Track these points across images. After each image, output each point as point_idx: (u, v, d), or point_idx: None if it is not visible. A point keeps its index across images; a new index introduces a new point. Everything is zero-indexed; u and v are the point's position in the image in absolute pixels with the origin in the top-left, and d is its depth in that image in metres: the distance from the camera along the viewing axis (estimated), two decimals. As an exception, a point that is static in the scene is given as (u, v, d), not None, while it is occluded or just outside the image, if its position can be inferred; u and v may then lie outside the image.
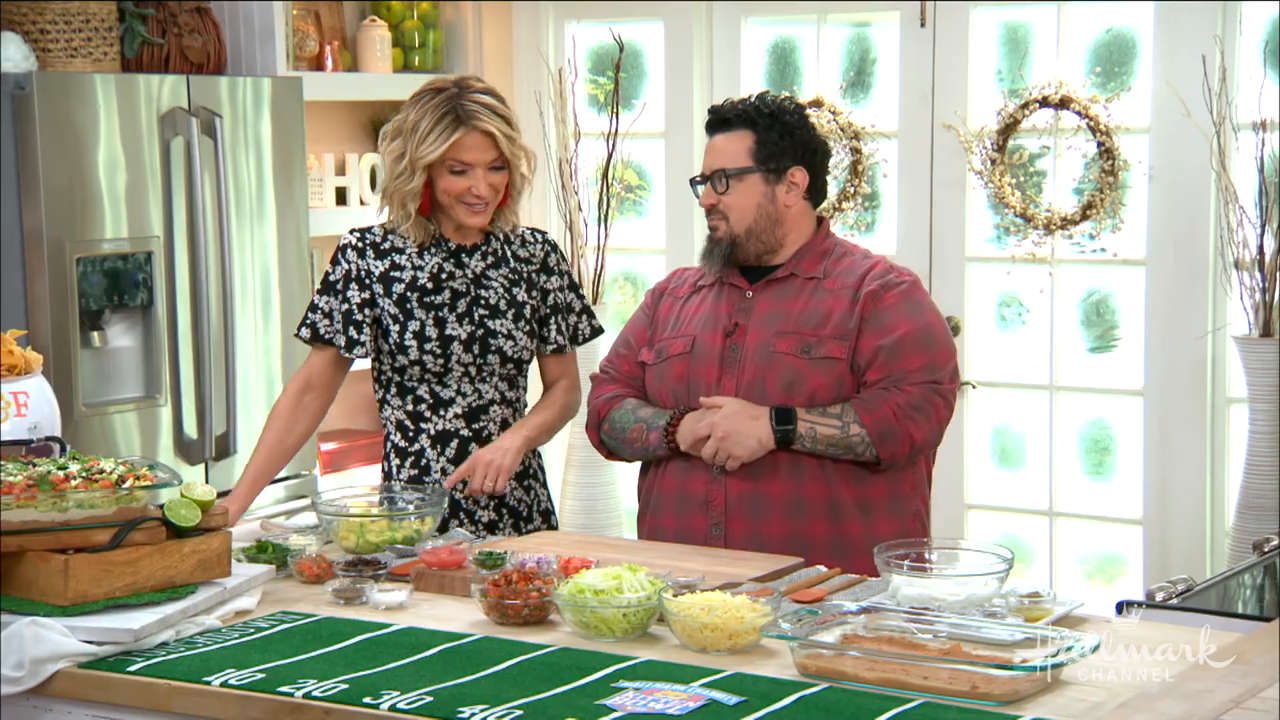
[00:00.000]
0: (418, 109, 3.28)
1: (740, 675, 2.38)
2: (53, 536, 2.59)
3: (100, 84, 4.25)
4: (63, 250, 4.16)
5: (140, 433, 4.37)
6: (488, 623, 2.66)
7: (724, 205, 3.23)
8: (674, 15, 5.43)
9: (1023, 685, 2.27)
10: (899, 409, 3.12)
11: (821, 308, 3.19)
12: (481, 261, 3.37)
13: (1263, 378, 4.47)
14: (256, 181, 4.64)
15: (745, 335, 3.22)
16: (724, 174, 3.23)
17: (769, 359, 3.18)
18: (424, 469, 3.37)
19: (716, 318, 3.26)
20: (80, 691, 2.49)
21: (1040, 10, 4.96)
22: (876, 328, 3.16)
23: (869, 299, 3.17)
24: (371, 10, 5.51)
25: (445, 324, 3.31)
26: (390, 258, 3.35)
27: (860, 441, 3.11)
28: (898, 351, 3.15)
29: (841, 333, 3.16)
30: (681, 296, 3.36)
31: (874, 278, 3.21)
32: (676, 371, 3.26)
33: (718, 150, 3.25)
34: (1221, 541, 4.73)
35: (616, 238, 5.43)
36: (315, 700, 2.31)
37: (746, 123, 3.23)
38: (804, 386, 3.15)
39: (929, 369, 3.16)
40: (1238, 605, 3.31)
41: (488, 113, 3.26)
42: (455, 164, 3.26)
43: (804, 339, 3.17)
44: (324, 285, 3.38)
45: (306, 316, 3.38)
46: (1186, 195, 4.72)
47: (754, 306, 3.24)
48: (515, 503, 3.41)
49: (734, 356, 3.22)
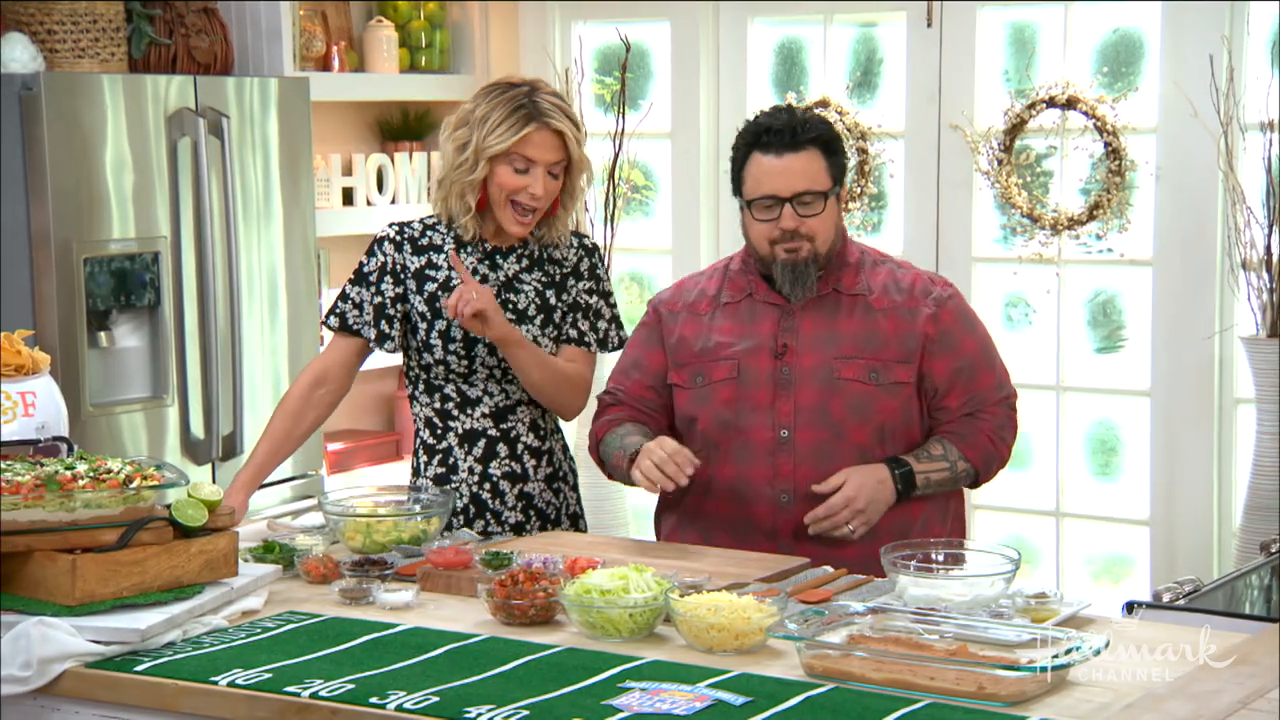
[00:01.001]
0: (488, 101, 3.25)
1: (747, 675, 2.37)
2: (60, 536, 2.59)
3: (107, 84, 4.25)
4: (70, 250, 4.16)
5: (147, 433, 4.37)
6: (494, 623, 2.66)
7: (809, 228, 3.12)
8: (680, 15, 5.43)
9: (1029, 686, 2.27)
10: (993, 435, 3.19)
11: (880, 330, 3.15)
12: (516, 264, 3.33)
13: (1270, 378, 4.46)
14: (263, 182, 4.64)
15: (798, 357, 3.15)
16: (813, 195, 3.11)
17: (834, 385, 3.13)
18: (451, 468, 3.34)
19: (759, 338, 3.18)
20: (87, 691, 2.49)
21: (1047, 10, 4.96)
22: (946, 350, 3.16)
23: (930, 321, 3.16)
24: (378, 10, 5.51)
25: None
26: (427, 255, 3.33)
27: (965, 475, 3.19)
28: (972, 373, 3.18)
29: (905, 355, 3.14)
30: (703, 313, 3.26)
31: (922, 293, 3.18)
32: (724, 397, 3.18)
33: (798, 171, 3.11)
34: (1229, 542, 4.72)
35: (623, 238, 5.43)
36: (322, 700, 2.31)
37: (817, 142, 3.13)
38: (874, 413, 3.13)
39: (1000, 385, 3.22)
40: (1245, 606, 3.30)
41: (559, 114, 3.25)
42: (519, 159, 3.22)
43: (869, 364, 3.13)
44: (356, 275, 3.36)
45: (336, 305, 3.36)
46: (1194, 195, 4.72)
47: (799, 326, 3.16)
48: (544, 505, 3.38)
49: (786, 379, 3.15)
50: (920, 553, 2.75)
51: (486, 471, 3.33)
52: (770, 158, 3.13)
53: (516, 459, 3.34)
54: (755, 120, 3.21)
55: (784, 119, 3.15)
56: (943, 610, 2.58)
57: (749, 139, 3.18)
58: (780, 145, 3.13)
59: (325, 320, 3.38)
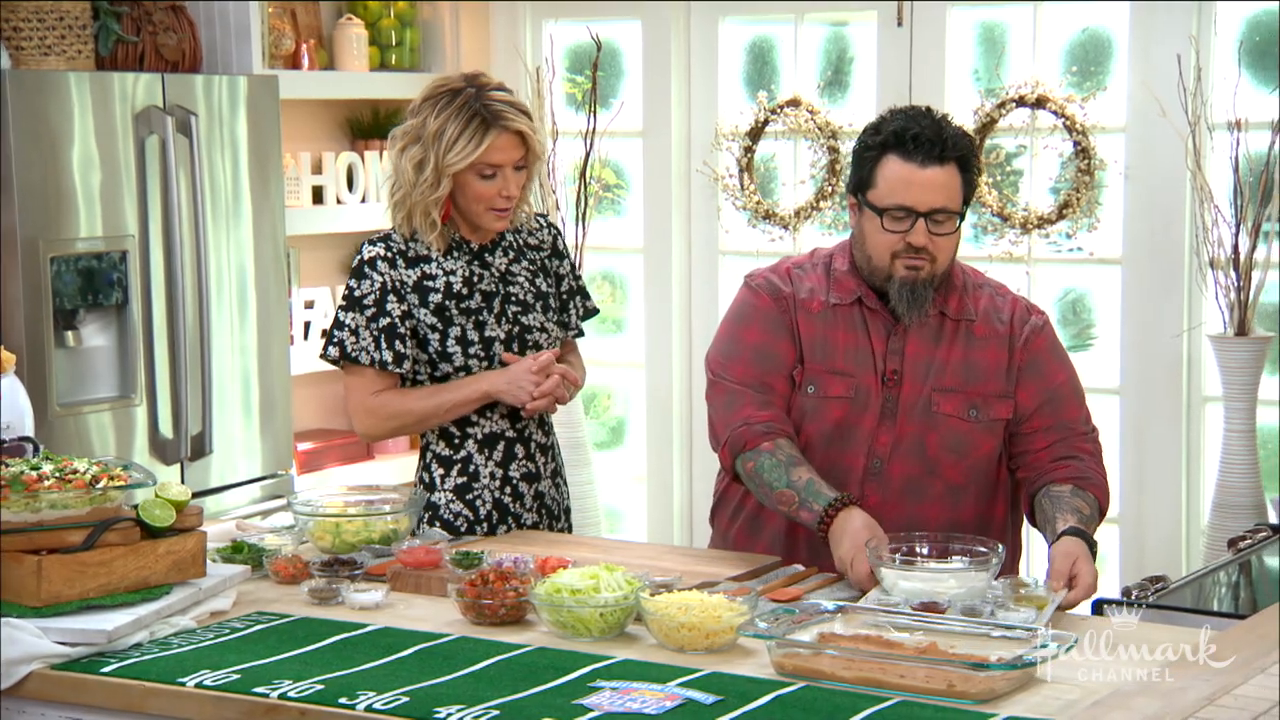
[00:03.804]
0: (438, 115, 3.15)
1: (717, 674, 2.37)
2: (25, 537, 2.57)
3: (74, 82, 4.22)
4: (37, 249, 4.13)
5: (115, 433, 4.35)
6: (464, 623, 2.65)
7: (936, 247, 2.94)
8: (651, 14, 5.43)
9: (999, 684, 2.27)
10: (1101, 472, 3.04)
11: (981, 361, 3.02)
12: (504, 258, 3.30)
13: (1238, 376, 4.49)
14: (232, 180, 4.62)
15: (900, 384, 3.01)
16: (948, 215, 2.94)
17: (931, 419, 3.00)
18: (473, 475, 3.27)
19: (871, 357, 3.02)
20: (53, 693, 2.47)
21: (1017, 10, 4.97)
22: (1036, 377, 3.03)
23: (1024, 350, 3.04)
24: (348, 9, 5.49)
25: (485, 326, 3.24)
26: (420, 266, 3.23)
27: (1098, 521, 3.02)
28: (1061, 402, 3.04)
29: (1003, 390, 3.02)
30: (815, 313, 3.05)
31: (1020, 322, 3.06)
32: (835, 415, 3.02)
33: (940, 186, 2.92)
34: (1197, 539, 4.74)
35: (594, 237, 5.42)
36: (291, 701, 2.30)
37: (958, 160, 2.94)
38: (970, 451, 3.01)
39: (1087, 419, 3.08)
40: (1213, 603, 3.31)
41: (512, 110, 3.18)
42: (485, 168, 3.17)
43: (969, 399, 3.00)
44: (349, 301, 3.22)
45: (333, 335, 3.23)
46: (1162, 195, 4.74)
47: (905, 349, 3.01)
48: (551, 503, 3.36)
49: (891, 408, 3.01)
50: (905, 546, 2.74)
51: (508, 475, 3.29)
52: (912, 166, 2.91)
53: (530, 458, 3.32)
54: (895, 120, 2.97)
55: (932, 127, 2.94)
56: (944, 602, 2.59)
57: (889, 139, 2.94)
58: (926, 155, 2.91)
59: (324, 353, 3.26)
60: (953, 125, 2.98)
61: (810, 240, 5.22)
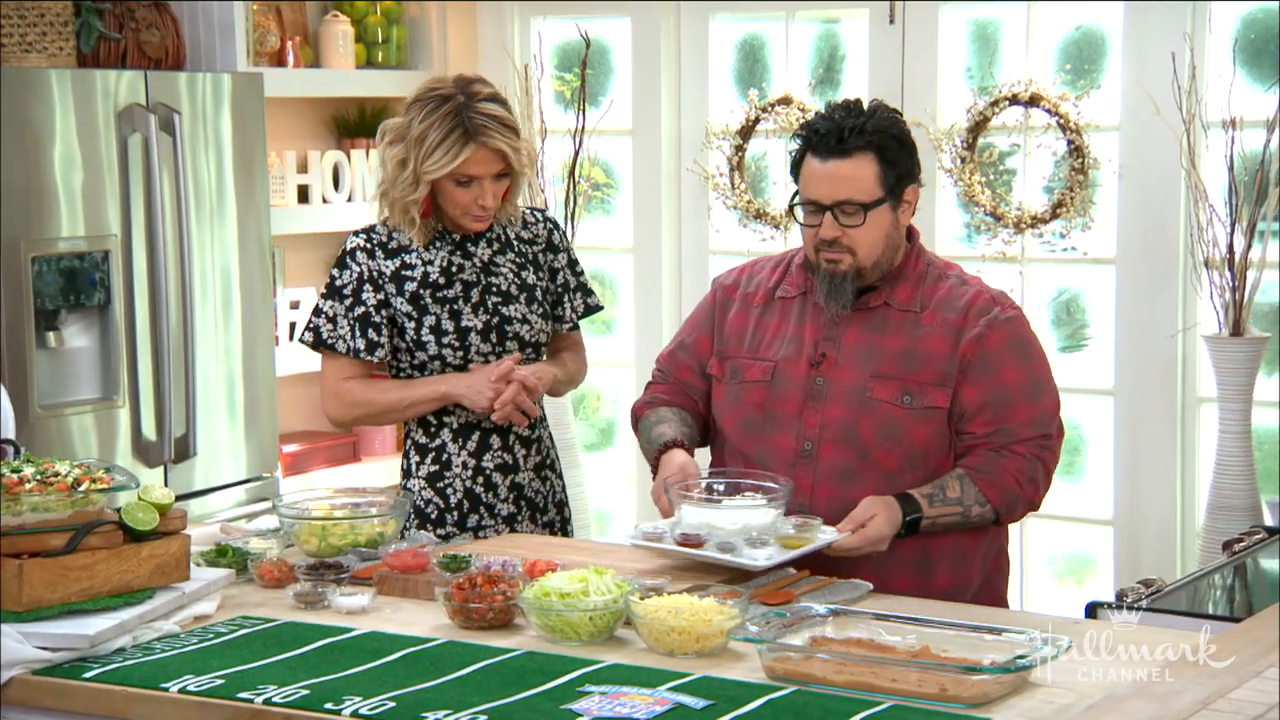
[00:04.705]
0: (423, 118, 3.22)
1: (707, 679, 2.36)
2: (6, 541, 2.55)
3: (56, 80, 4.19)
4: (18, 249, 4.10)
5: (97, 435, 4.32)
6: (452, 626, 2.64)
7: (851, 239, 2.96)
8: (641, 12, 5.41)
9: (992, 687, 2.26)
10: (1020, 477, 2.98)
11: (921, 348, 3.00)
12: (488, 249, 3.35)
13: (1233, 377, 4.47)
14: (216, 179, 4.59)
15: (834, 369, 3.02)
16: (855, 206, 2.96)
17: (865, 405, 2.99)
18: (445, 464, 3.34)
19: (800, 343, 3.06)
20: (35, 699, 2.46)
21: (1010, 8, 4.96)
22: (983, 375, 2.98)
23: (974, 343, 2.98)
24: (334, 6, 5.47)
25: (460, 316, 3.30)
26: (400, 256, 3.32)
27: (981, 518, 3.00)
28: (1007, 405, 2.98)
29: (943, 378, 2.98)
30: (756, 305, 3.14)
31: (977, 314, 3.00)
32: (754, 400, 3.07)
33: (843, 178, 2.95)
34: (1192, 542, 4.73)
35: (583, 236, 5.40)
36: (275, 706, 2.28)
37: (870, 147, 2.95)
38: (903, 437, 2.98)
39: (1037, 422, 3.00)
40: (1209, 606, 3.30)
41: (496, 125, 3.22)
42: (462, 177, 3.23)
43: (904, 385, 2.98)
44: (330, 290, 3.33)
45: (310, 321, 3.34)
46: (1156, 194, 4.72)
47: (842, 336, 3.03)
48: (533, 494, 3.39)
49: (819, 390, 3.02)
50: (705, 483, 2.95)
51: (480, 465, 3.33)
52: (817, 160, 2.98)
53: (508, 449, 3.35)
54: (812, 118, 3.06)
55: (834, 121, 2.97)
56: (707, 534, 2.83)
57: (803, 136, 3.03)
58: (828, 149, 2.97)
59: (301, 338, 3.38)
60: (868, 114, 2.99)
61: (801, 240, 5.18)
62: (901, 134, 3.01)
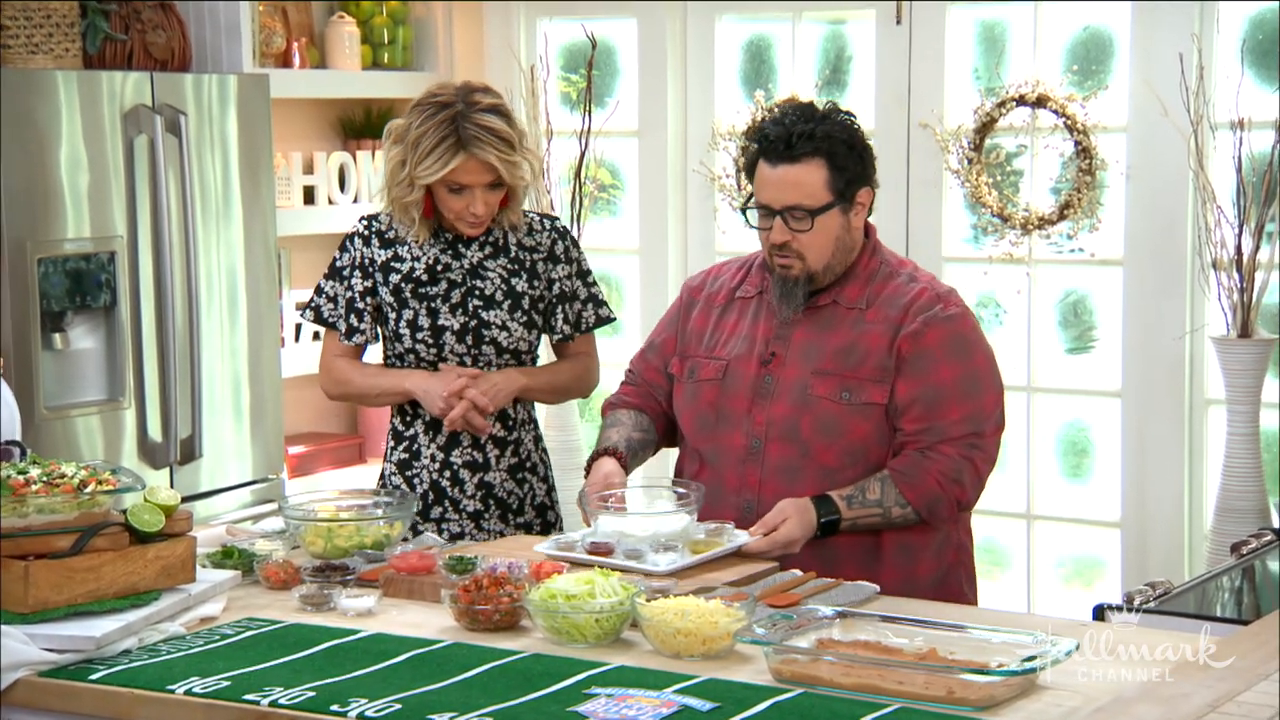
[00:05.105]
0: (420, 122, 3.25)
1: (714, 681, 2.35)
2: (12, 542, 2.55)
3: (62, 81, 4.19)
4: (24, 251, 4.10)
5: (103, 436, 4.32)
6: (458, 628, 2.63)
7: (800, 244, 3.00)
8: (647, 12, 5.40)
9: (999, 690, 2.26)
10: (942, 477, 2.99)
11: (861, 344, 3.02)
12: (480, 252, 3.37)
13: (1241, 379, 4.46)
14: (222, 180, 4.59)
15: (781, 367, 3.06)
16: (804, 212, 2.99)
17: (806, 401, 3.02)
18: (414, 454, 3.39)
19: (753, 342, 3.11)
20: (41, 701, 2.46)
21: (1017, 8, 4.94)
22: (917, 372, 2.99)
23: (910, 339, 3.00)
24: (340, 6, 5.47)
25: (438, 314, 3.32)
26: (394, 247, 3.37)
27: (902, 519, 3.01)
28: (939, 402, 2.99)
29: (881, 374, 3.00)
30: (717, 305, 3.20)
31: (918, 311, 3.02)
32: (707, 398, 3.13)
33: (791, 184, 2.99)
34: (1200, 544, 4.71)
35: (589, 237, 5.39)
36: (281, 708, 2.28)
37: (819, 152, 2.98)
38: (843, 433, 3.01)
39: (971, 420, 3.01)
40: (1216, 609, 3.29)
41: (489, 136, 3.22)
42: (453, 184, 3.26)
43: (843, 381, 3.01)
44: (330, 270, 3.42)
45: (312, 300, 3.43)
46: (1164, 195, 4.71)
47: (792, 335, 3.08)
48: (505, 495, 3.40)
49: (767, 388, 3.07)
50: (620, 493, 3.01)
51: (449, 460, 3.36)
52: (767, 166, 3.02)
53: (479, 448, 3.37)
54: (762, 122, 3.09)
55: (784, 125, 3.00)
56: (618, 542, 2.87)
57: (755, 140, 3.07)
58: (777, 154, 3.00)
59: (302, 314, 3.47)
60: (818, 119, 3.01)
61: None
62: (852, 138, 3.04)
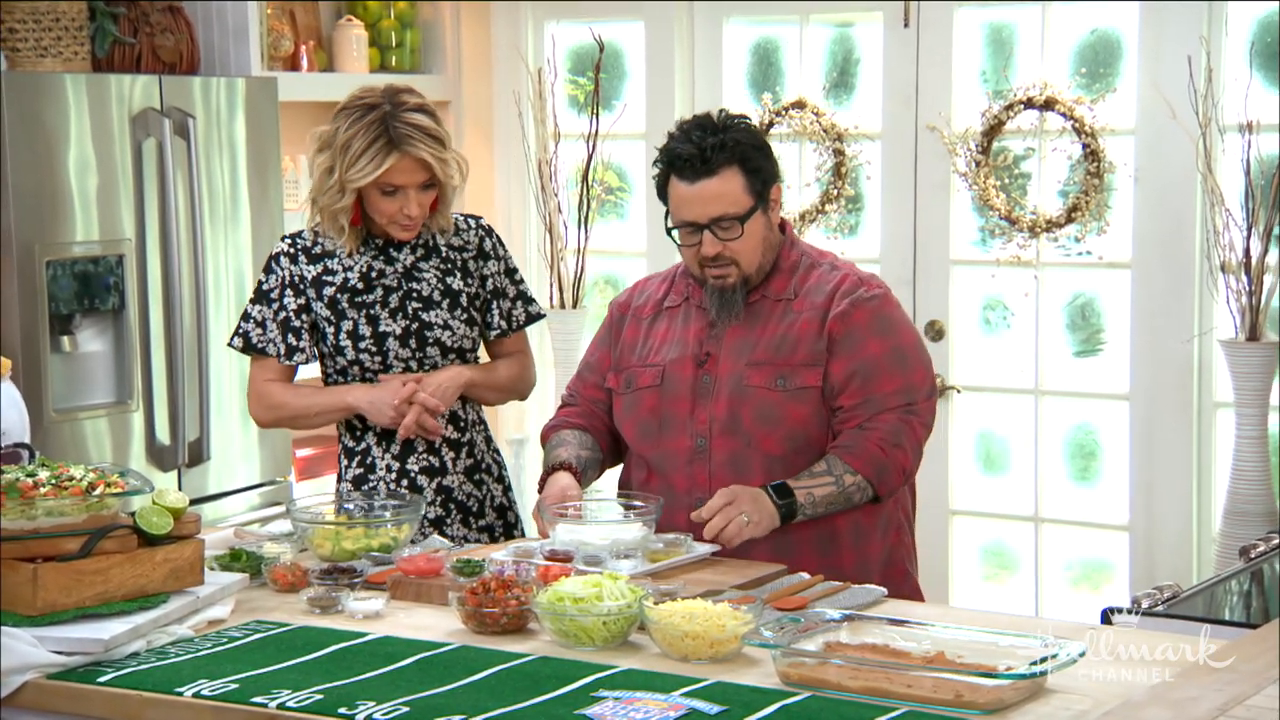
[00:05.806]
0: (348, 126, 3.23)
1: (722, 684, 2.35)
2: (21, 545, 2.56)
3: (70, 84, 4.20)
4: (32, 253, 4.11)
5: (111, 439, 4.32)
6: (465, 631, 2.63)
7: (732, 251, 3.06)
8: (655, 15, 5.40)
9: (1007, 694, 2.25)
10: (883, 442, 3.03)
11: (791, 333, 3.09)
12: (411, 255, 3.36)
13: (1249, 382, 4.45)
14: (230, 183, 4.59)
15: (717, 366, 3.11)
16: (731, 220, 3.04)
17: (743, 393, 3.07)
18: (370, 467, 3.37)
19: (686, 345, 3.15)
20: (50, 703, 2.46)
21: (1025, 10, 4.94)
22: (848, 350, 3.06)
23: (838, 320, 3.06)
24: (348, 9, 5.47)
25: (378, 321, 3.31)
26: (323, 262, 3.35)
27: (857, 489, 3.03)
28: (873, 375, 3.05)
29: (814, 358, 3.06)
30: (646, 318, 3.25)
31: (843, 295, 3.09)
32: (648, 405, 3.16)
33: (713, 196, 3.03)
34: (1208, 547, 4.70)
35: (597, 240, 5.40)
36: (290, 711, 2.28)
37: (733, 160, 3.03)
38: (782, 420, 3.06)
39: (904, 391, 3.07)
40: (1225, 612, 3.29)
41: (420, 135, 3.22)
42: (387, 186, 3.24)
43: (778, 369, 3.07)
44: (257, 294, 3.37)
45: (239, 326, 3.37)
46: (1172, 198, 4.70)
47: (725, 333, 3.13)
48: (464, 497, 3.40)
49: (707, 388, 3.12)
50: (579, 505, 3.04)
51: (405, 468, 3.35)
52: (684, 185, 3.06)
53: (434, 453, 3.37)
54: (671, 139, 3.10)
55: (693, 144, 3.04)
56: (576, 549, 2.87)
57: (665, 160, 3.09)
58: (694, 172, 3.04)
59: (230, 342, 3.40)
60: (720, 130, 3.05)
61: (815, 243, 5.17)
62: (757, 140, 3.11)
